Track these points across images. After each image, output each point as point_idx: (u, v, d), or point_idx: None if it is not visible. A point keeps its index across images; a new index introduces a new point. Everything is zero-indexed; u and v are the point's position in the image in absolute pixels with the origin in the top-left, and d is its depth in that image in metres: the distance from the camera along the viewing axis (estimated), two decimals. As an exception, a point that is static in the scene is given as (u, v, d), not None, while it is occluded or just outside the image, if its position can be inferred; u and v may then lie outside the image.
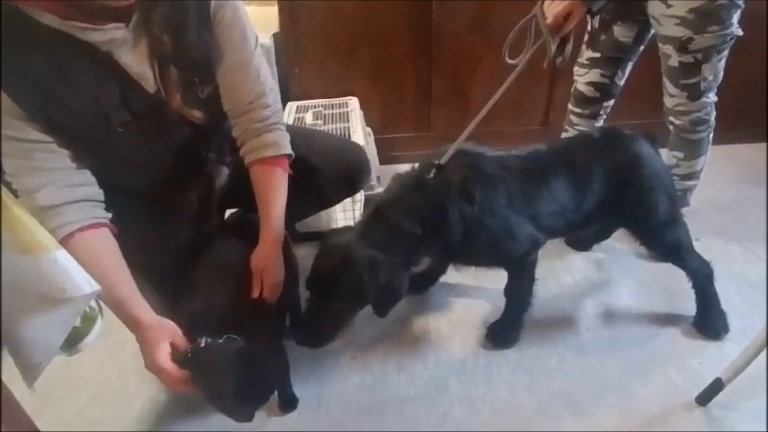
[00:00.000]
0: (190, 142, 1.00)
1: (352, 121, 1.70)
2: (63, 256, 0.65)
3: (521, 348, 1.22)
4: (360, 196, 1.63)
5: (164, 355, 0.85)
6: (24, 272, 0.66)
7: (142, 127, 0.91)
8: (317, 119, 1.73)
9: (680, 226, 1.20)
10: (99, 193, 0.90)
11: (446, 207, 1.04)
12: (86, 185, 0.88)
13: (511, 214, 1.07)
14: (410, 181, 1.08)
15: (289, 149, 1.03)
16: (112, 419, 1.11)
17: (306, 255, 1.57)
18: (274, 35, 1.87)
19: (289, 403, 1.10)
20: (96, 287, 0.72)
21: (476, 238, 1.07)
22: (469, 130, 1.11)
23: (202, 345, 0.85)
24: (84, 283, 0.69)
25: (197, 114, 0.96)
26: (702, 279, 1.22)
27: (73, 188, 0.85)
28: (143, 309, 0.88)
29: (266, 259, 1.00)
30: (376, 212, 1.06)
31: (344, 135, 1.62)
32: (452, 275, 1.44)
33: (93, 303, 0.84)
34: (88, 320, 0.81)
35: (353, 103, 1.85)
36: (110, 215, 0.90)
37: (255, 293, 0.98)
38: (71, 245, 0.82)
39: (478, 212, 1.04)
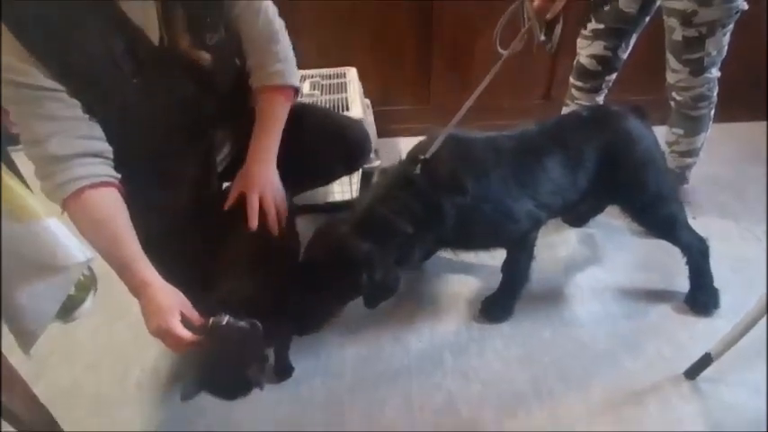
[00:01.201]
0: (194, 99, 0.98)
1: (350, 93, 1.67)
2: (54, 223, 0.64)
3: (514, 322, 1.24)
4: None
5: (177, 320, 0.83)
6: (15, 239, 0.65)
7: (147, 79, 0.89)
8: (314, 89, 1.69)
9: (672, 202, 1.20)
10: (109, 150, 0.87)
11: (437, 202, 1.02)
12: (97, 140, 0.85)
13: (507, 197, 1.06)
14: (398, 176, 1.05)
15: (295, 82, 1.04)
16: (110, 387, 1.12)
17: (302, 227, 1.57)
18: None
19: (284, 372, 1.11)
20: (89, 255, 0.72)
21: (472, 226, 1.06)
22: (458, 117, 1.07)
23: (225, 322, 0.84)
24: (77, 251, 0.69)
25: (205, 56, 0.94)
26: (697, 255, 1.23)
27: (84, 140, 0.83)
28: (152, 271, 0.86)
29: (260, 177, 0.98)
30: (368, 209, 1.02)
31: (342, 106, 1.59)
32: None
33: (87, 272, 0.84)
34: (83, 289, 0.81)
35: (352, 73, 1.81)
36: (119, 175, 0.87)
37: (253, 224, 0.95)
38: (79, 202, 0.81)
39: (472, 202, 1.03)
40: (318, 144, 1.15)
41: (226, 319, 0.84)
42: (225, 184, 1.26)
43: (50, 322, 0.71)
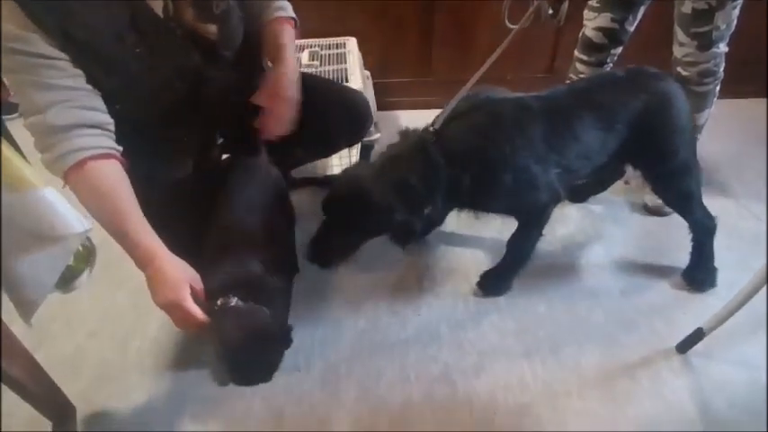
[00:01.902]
0: (197, 69, 0.96)
1: (350, 63, 1.64)
2: (50, 193, 0.64)
3: (510, 296, 1.25)
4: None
5: (187, 294, 0.83)
6: (13, 209, 0.65)
7: (150, 49, 0.87)
8: (313, 59, 1.66)
9: (695, 174, 1.18)
10: (110, 123, 0.86)
11: (460, 160, 1.01)
12: (98, 111, 0.84)
13: (532, 164, 1.04)
14: (416, 141, 1.05)
15: (294, 15, 1.11)
16: (111, 355, 1.14)
17: (301, 200, 1.57)
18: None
19: (283, 342, 1.13)
20: (88, 226, 0.72)
21: (493, 190, 1.05)
22: (466, 89, 1.06)
23: (232, 304, 0.84)
24: (75, 221, 0.69)
25: (211, 30, 0.93)
26: (703, 232, 1.23)
27: (84, 110, 0.81)
28: (159, 243, 0.85)
29: (284, 88, 1.04)
30: (391, 160, 1.04)
31: (341, 77, 1.56)
32: (447, 223, 1.45)
33: (86, 242, 0.84)
34: (82, 259, 0.82)
35: (351, 43, 1.77)
36: (120, 148, 0.86)
37: (272, 129, 1.04)
38: (81, 174, 0.79)
39: (495, 166, 1.02)
40: (321, 115, 1.14)
41: (234, 301, 0.84)
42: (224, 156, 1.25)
43: (50, 292, 0.72)
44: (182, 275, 0.84)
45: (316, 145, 1.29)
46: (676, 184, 1.18)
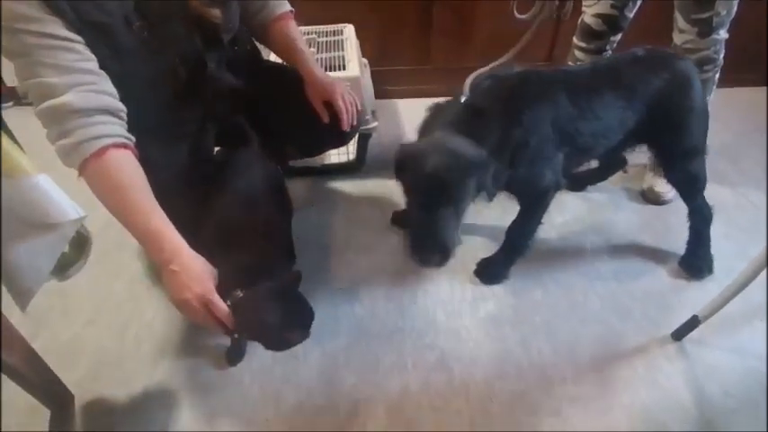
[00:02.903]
0: (199, 55, 0.96)
1: (347, 51, 1.62)
2: (44, 179, 0.63)
3: (507, 282, 1.26)
4: (354, 131, 1.59)
5: (213, 288, 0.80)
6: (7, 196, 0.64)
7: (155, 35, 0.88)
8: (310, 47, 1.64)
9: (703, 158, 1.21)
10: (124, 111, 0.84)
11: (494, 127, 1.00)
12: (114, 97, 0.82)
13: (550, 145, 1.06)
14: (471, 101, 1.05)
15: (291, 7, 1.18)
16: (109, 342, 1.14)
17: (299, 189, 1.57)
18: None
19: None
20: (82, 213, 0.71)
21: (520, 160, 1.04)
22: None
23: (240, 296, 0.84)
24: (70, 209, 0.68)
25: (215, 13, 0.94)
26: (701, 219, 1.24)
27: (105, 96, 0.79)
28: (180, 238, 0.82)
29: (331, 82, 1.14)
30: (449, 126, 1.00)
31: (339, 65, 1.55)
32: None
33: (82, 230, 0.84)
34: (78, 247, 0.81)
35: (349, 30, 1.75)
36: (134, 138, 0.84)
37: (345, 122, 1.15)
38: (101, 162, 0.77)
39: (525, 135, 1.02)
40: (309, 117, 1.15)
41: (239, 293, 0.84)
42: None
43: (46, 280, 0.72)
44: (207, 269, 0.82)
45: (304, 145, 1.30)
46: (686, 166, 1.20)
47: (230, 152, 1.13)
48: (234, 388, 1.04)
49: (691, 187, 1.23)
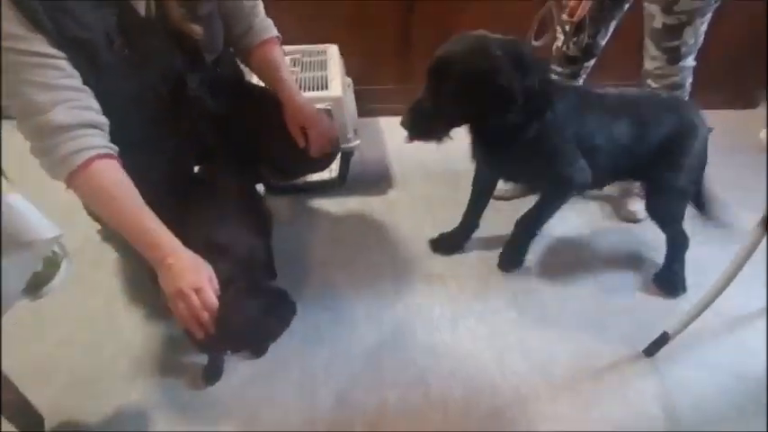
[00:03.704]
0: (177, 75, 0.98)
1: (330, 70, 1.65)
2: (15, 198, 0.63)
3: (485, 299, 1.28)
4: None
5: (206, 279, 0.83)
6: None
7: (135, 51, 0.89)
8: (293, 66, 1.67)
9: (685, 199, 1.28)
10: (106, 123, 0.86)
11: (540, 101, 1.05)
12: (96, 111, 0.84)
13: (571, 144, 1.13)
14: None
15: (277, 33, 1.18)
16: (84, 362, 1.13)
17: (279, 206, 1.57)
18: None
19: (259, 349, 1.13)
20: (58, 231, 0.71)
21: (541, 144, 1.11)
22: None
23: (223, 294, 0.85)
24: (45, 228, 0.68)
25: (197, 29, 0.95)
26: (678, 246, 1.30)
27: (87, 110, 0.82)
28: (175, 238, 0.85)
29: (307, 112, 1.13)
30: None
31: (321, 84, 1.57)
32: (424, 229, 1.48)
33: (57, 248, 0.83)
34: (52, 265, 0.80)
35: (332, 50, 1.78)
36: (117, 148, 0.86)
37: (315, 150, 1.13)
38: (89, 173, 0.80)
39: (554, 122, 1.08)
40: (286, 142, 1.17)
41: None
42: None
43: (18, 299, 0.71)
44: (202, 262, 0.86)
45: (281, 168, 1.32)
46: (671, 204, 1.27)
47: (208, 171, 1.14)
48: (211, 407, 1.03)
49: (668, 221, 1.29)
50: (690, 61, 1.37)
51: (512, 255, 1.36)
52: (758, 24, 1.99)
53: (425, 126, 1.08)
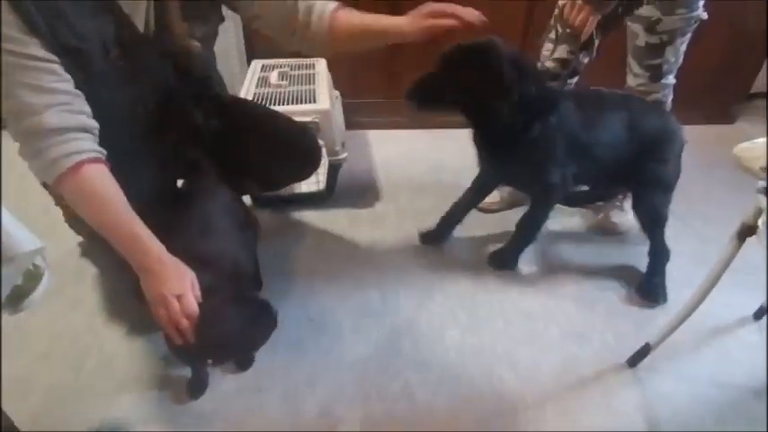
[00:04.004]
0: (171, 90, 1.00)
1: (318, 84, 1.66)
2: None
3: (470, 311, 1.28)
4: (324, 161, 1.62)
5: (189, 286, 0.83)
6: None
7: (130, 64, 0.91)
8: (282, 79, 1.68)
9: (669, 196, 1.34)
10: (97, 128, 0.86)
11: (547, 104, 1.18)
12: (87, 115, 0.85)
13: (563, 148, 1.22)
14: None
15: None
16: (63, 378, 1.10)
17: (266, 218, 1.57)
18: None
19: (245, 361, 1.12)
20: (39, 244, 0.70)
21: (540, 146, 1.21)
22: None
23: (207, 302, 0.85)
24: (26, 240, 0.67)
25: (196, 45, 0.98)
26: (660, 259, 1.35)
27: (79, 115, 0.82)
28: (161, 245, 0.86)
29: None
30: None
31: (309, 98, 1.59)
32: (411, 241, 1.48)
33: (38, 261, 0.82)
34: (32, 279, 0.79)
35: (321, 64, 1.80)
36: (105, 152, 0.87)
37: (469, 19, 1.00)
38: (78, 177, 0.80)
39: (555, 125, 1.18)
40: (269, 152, 1.18)
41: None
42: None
43: (-3, 313, 0.70)
44: (187, 269, 0.86)
45: (263, 180, 1.33)
46: (655, 199, 1.33)
47: (193, 183, 1.14)
48: (196, 421, 1.02)
49: (654, 220, 1.34)
50: (671, 79, 1.42)
51: (507, 254, 1.42)
52: (733, 44, 2.07)
53: (427, 98, 1.18)
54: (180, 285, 0.83)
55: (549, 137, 1.20)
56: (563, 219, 1.62)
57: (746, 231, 0.91)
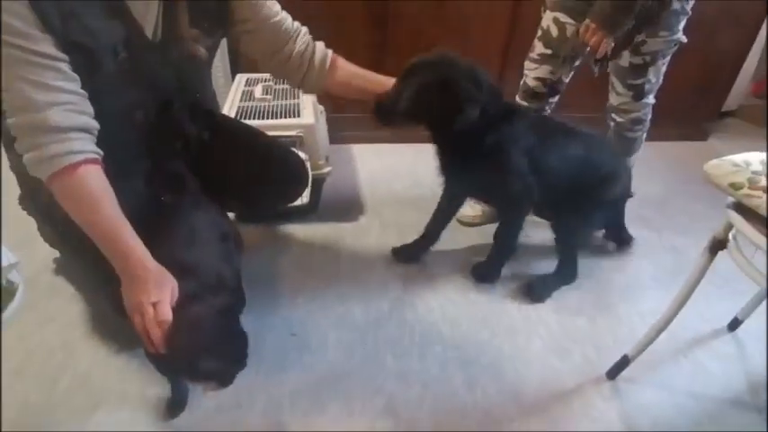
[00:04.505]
0: (167, 96, 1.02)
1: (303, 98, 1.68)
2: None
3: (454, 325, 1.29)
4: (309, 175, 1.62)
5: (168, 295, 0.83)
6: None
7: (136, 69, 0.93)
8: (266, 93, 1.69)
9: (589, 236, 1.47)
10: (97, 128, 0.87)
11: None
12: (90, 115, 0.85)
13: (523, 160, 1.23)
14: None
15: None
16: (36, 395, 1.07)
17: (250, 232, 1.56)
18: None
19: (225, 378, 1.10)
20: (13, 259, 0.69)
21: (497, 157, 1.22)
22: None
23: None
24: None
25: (203, 52, 1.01)
26: (564, 273, 1.42)
27: (82, 115, 0.83)
28: (147, 251, 0.86)
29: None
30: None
31: (294, 112, 1.60)
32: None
33: (12, 276, 0.80)
34: (6, 294, 0.77)
35: (305, 79, 1.81)
36: (102, 153, 0.87)
37: None
38: (74, 176, 0.81)
39: (509, 137, 1.21)
40: (255, 176, 1.20)
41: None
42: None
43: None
44: (169, 278, 0.86)
45: (246, 201, 1.34)
46: (572, 229, 1.39)
47: (177, 196, 1.13)
48: (172, 440, 1.00)
49: (572, 247, 1.41)
50: (651, 98, 1.47)
51: (488, 267, 1.43)
52: (705, 67, 2.16)
53: (390, 113, 1.17)
54: (158, 292, 0.83)
55: (505, 147, 1.22)
56: (544, 232, 1.65)
57: (717, 245, 0.94)
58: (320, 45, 1.17)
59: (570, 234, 1.40)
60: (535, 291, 1.38)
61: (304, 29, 1.16)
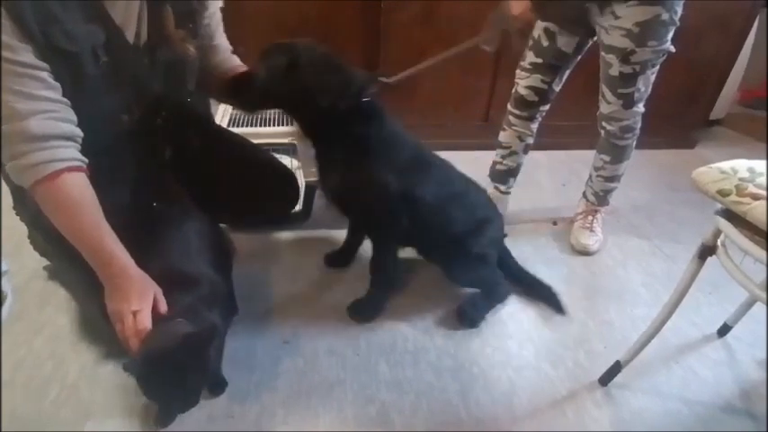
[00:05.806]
0: (153, 101, 1.02)
1: (296, 106, 1.68)
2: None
3: (448, 334, 1.29)
4: (301, 183, 1.63)
5: (150, 303, 0.84)
6: None
7: (118, 73, 0.93)
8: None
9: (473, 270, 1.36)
10: (80, 136, 0.87)
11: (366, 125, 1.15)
12: (72, 123, 0.86)
13: (394, 181, 1.16)
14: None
15: None
16: (24, 406, 1.05)
17: (242, 240, 1.56)
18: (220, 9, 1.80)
19: (217, 386, 1.09)
20: (5, 267, 0.68)
21: (356, 156, 1.16)
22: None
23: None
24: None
25: (192, 50, 1.02)
26: (498, 294, 1.38)
27: (63, 123, 0.84)
28: (129, 257, 0.87)
29: None
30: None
31: (287, 119, 1.60)
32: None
33: (1, 285, 0.80)
34: (-5, 304, 0.77)
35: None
36: (87, 161, 0.87)
37: None
38: (56, 184, 0.81)
39: (373, 143, 1.16)
40: (248, 190, 1.22)
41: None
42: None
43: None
44: (151, 285, 0.86)
45: (235, 213, 1.36)
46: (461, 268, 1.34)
47: (167, 205, 1.13)
48: (163, 451, 0.98)
49: (465, 281, 1.39)
50: (641, 107, 1.49)
51: (365, 305, 1.32)
52: (693, 76, 2.20)
53: (246, 98, 1.13)
54: (138, 302, 0.83)
55: (366, 151, 1.15)
56: (535, 238, 1.66)
57: (707, 251, 0.95)
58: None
59: (463, 278, 1.36)
60: (467, 315, 1.31)
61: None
